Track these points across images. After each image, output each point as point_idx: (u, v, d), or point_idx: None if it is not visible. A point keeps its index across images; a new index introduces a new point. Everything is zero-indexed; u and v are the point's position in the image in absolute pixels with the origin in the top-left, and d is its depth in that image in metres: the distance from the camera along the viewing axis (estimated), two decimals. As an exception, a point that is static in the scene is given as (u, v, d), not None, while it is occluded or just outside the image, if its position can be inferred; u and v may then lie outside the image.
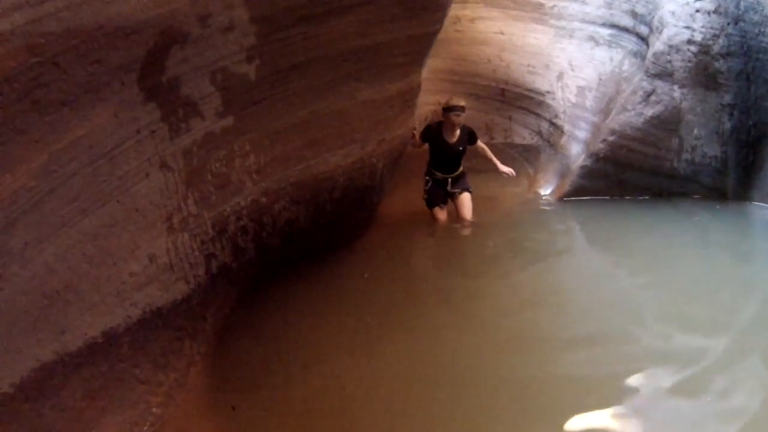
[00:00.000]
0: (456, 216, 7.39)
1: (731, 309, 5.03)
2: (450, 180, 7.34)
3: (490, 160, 7.48)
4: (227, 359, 4.45)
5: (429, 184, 7.33)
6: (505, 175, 7.47)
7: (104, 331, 3.45)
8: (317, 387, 4.16)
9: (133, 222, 3.60)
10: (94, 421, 3.37)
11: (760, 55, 7.15)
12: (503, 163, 7.61)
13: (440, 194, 7.36)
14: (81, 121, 3.06)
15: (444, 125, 7.09)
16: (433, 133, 7.09)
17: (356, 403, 4.00)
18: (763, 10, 7.07)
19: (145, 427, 3.58)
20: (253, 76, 4.28)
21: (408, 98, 5.98)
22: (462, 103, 7.10)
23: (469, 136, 7.30)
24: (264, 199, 4.90)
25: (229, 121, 4.26)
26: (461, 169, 7.40)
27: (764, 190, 7.27)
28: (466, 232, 7.19)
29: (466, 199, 7.43)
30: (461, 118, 7.03)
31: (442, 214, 7.34)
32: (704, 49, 7.20)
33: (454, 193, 7.40)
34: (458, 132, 7.14)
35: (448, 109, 7.01)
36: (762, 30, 7.09)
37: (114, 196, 3.42)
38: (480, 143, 7.48)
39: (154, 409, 3.67)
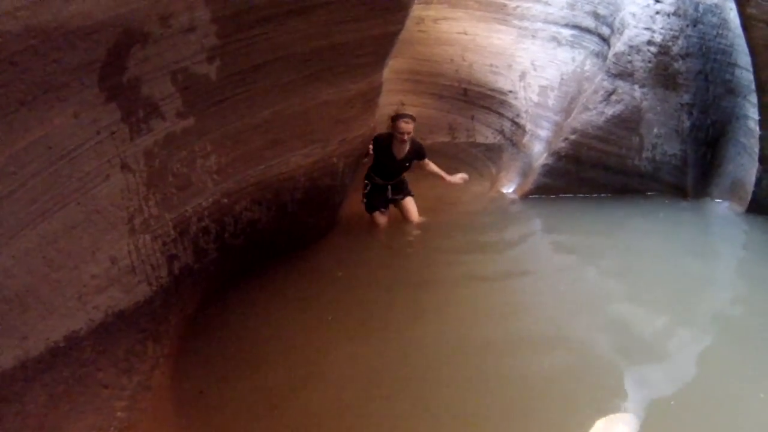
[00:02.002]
0: (403, 220, 7.39)
1: (694, 303, 5.10)
2: (390, 187, 7.27)
3: (439, 175, 7.40)
4: (192, 361, 4.43)
5: (368, 188, 7.22)
6: (462, 181, 7.40)
7: (66, 335, 3.40)
8: (283, 389, 4.15)
9: (94, 224, 3.56)
10: (57, 427, 3.33)
11: (718, 56, 7.30)
12: (465, 163, 7.62)
13: (380, 199, 7.29)
14: (40, 122, 3.01)
15: (393, 137, 6.93)
16: (382, 143, 6.94)
17: (321, 405, 3.99)
18: (721, 13, 7.24)
19: (110, 432, 3.55)
20: (215, 77, 4.25)
21: (369, 98, 5.98)
22: (410, 112, 7.07)
23: (417, 153, 7.19)
24: (225, 200, 4.88)
25: (190, 121, 4.22)
26: (402, 176, 7.33)
27: (722, 187, 7.42)
28: (424, 232, 7.19)
29: (409, 203, 7.40)
30: (410, 127, 6.86)
31: (382, 218, 7.30)
32: (664, 49, 7.33)
33: (396, 200, 7.36)
34: (407, 147, 7.03)
35: (396, 117, 6.89)
36: (720, 32, 7.25)
37: (74, 198, 3.37)
38: (427, 161, 7.35)
39: (118, 414, 3.63)
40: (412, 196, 7.42)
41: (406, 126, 6.85)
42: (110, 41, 3.23)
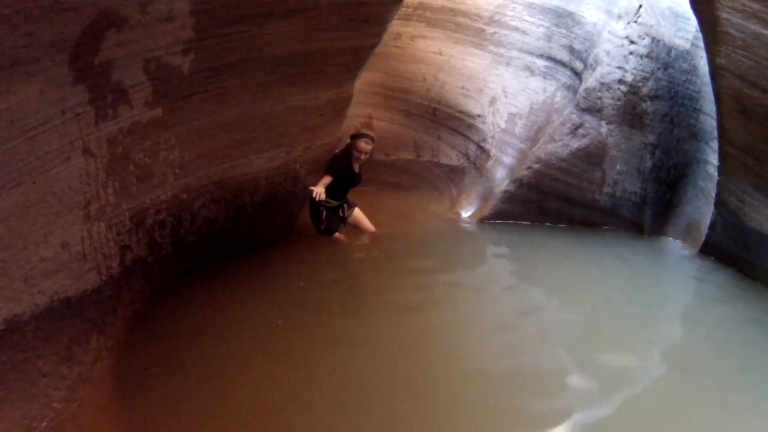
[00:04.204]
0: (358, 232, 7.45)
1: (634, 338, 5.13)
2: (345, 205, 7.36)
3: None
4: (136, 357, 4.32)
5: (324, 213, 7.16)
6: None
7: (7, 318, 3.29)
8: (227, 391, 4.07)
9: (49, 206, 3.46)
10: (-11, 412, 3.22)
11: (685, 101, 7.43)
12: (427, 181, 7.63)
13: (336, 220, 7.30)
14: (4, 95, 2.92)
15: (351, 154, 7.00)
16: (341, 162, 6.94)
17: (265, 408, 3.92)
18: (691, 60, 7.39)
19: (44, 423, 3.43)
20: (187, 70, 4.19)
21: (339, 108, 5.98)
22: (372, 133, 7.15)
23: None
24: (185, 195, 4.81)
25: (157, 112, 4.16)
26: None
27: (678, 227, 7.54)
28: (377, 244, 7.20)
29: (360, 215, 7.50)
30: (370, 148, 7.01)
31: (342, 235, 7.31)
32: (634, 89, 7.44)
33: (348, 216, 7.42)
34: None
35: (358, 137, 6.97)
36: (689, 78, 7.39)
37: (31, 177, 3.28)
38: None
39: (54, 404, 3.52)
40: (357, 206, 7.50)
41: (366, 146, 6.95)
42: (86, 21, 3.16)
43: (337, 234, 7.23)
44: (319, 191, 6.51)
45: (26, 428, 3.34)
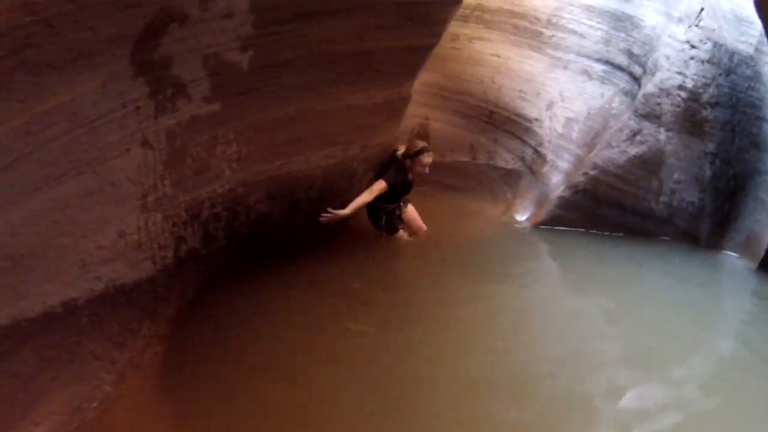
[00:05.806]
0: (411, 231, 7.34)
1: (683, 358, 5.04)
2: (401, 204, 7.22)
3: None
4: (185, 345, 4.40)
5: (384, 219, 7.06)
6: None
7: (64, 301, 3.41)
8: (272, 384, 4.12)
9: (107, 195, 3.57)
10: (43, 391, 3.33)
11: (747, 109, 7.23)
12: (482, 184, 7.61)
13: (396, 220, 7.20)
14: (67, 87, 3.02)
15: (411, 168, 6.77)
16: (397, 174, 6.71)
17: (309, 404, 3.97)
18: (755, 66, 7.17)
19: (94, 404, 3.54)
20: (246, 66, 4.26)
21: (396, 108, 5.96)
22: (423, 142, 7.01)
23: None
24: (240, 190, 4.88)
25: (215, 107, 4.24)
26: None
27: (736, 240, 7.31)
28: (439, 248, 7.13)
29: (412, 212, 7.38)
30: (432, 158, 6.80)
31: (403, 233, 7.24)
32: (694, 96, 7.27)
33: (402, 214, 7.29)
34: None
35: (419, 152, 6.72)
36: (752, 85, 7.18)
37: (91, 167, 3.38)
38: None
39: (105, 387, 3.62)
40: (410, 202, 7.39)
41: (429, 160, 6.76)
42: (148, 16, 3.24)
43: (400, 232, 7.24)
44: (342, 213, 6.06)
45: (76, 408, 3.45)
